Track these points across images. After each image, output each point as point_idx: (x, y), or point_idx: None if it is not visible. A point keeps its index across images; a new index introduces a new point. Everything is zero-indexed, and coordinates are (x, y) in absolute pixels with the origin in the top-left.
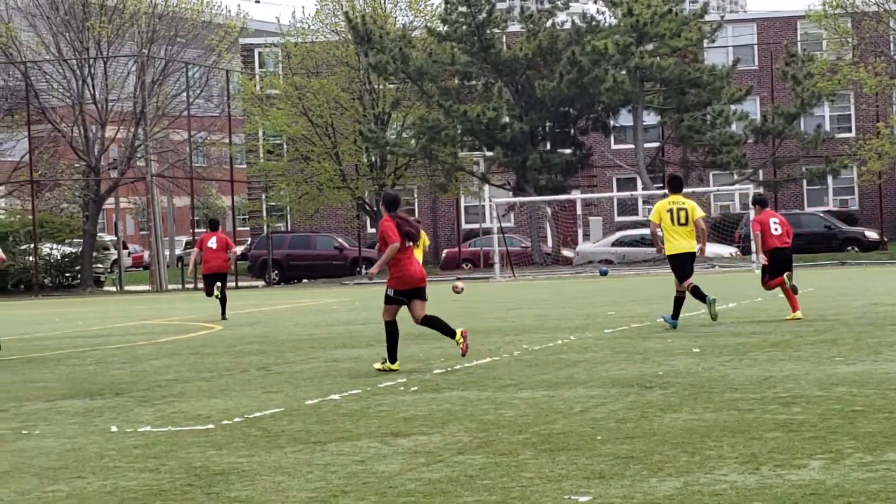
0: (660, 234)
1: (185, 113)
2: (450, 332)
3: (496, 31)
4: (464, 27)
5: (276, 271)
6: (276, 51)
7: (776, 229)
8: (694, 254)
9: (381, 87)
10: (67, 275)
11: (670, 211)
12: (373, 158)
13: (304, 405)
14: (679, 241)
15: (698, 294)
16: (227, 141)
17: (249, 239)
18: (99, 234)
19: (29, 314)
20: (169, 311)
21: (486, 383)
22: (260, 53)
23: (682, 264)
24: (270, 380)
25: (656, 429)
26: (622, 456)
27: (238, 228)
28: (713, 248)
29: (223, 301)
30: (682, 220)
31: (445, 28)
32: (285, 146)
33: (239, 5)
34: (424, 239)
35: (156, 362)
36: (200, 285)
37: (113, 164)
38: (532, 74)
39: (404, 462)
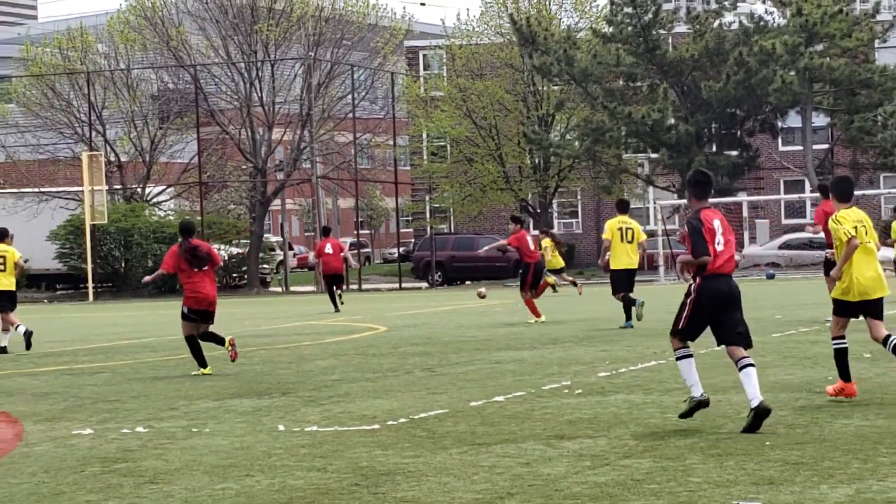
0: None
1: (351, 115)
2: (220, 341)
3: (662, 31)
4: (629, 28)
5: (440, 273)
6: (440, 53)
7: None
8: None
9: (545, 88)
10: (234, 275)
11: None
12: (536, 160)
13: (469, 406)
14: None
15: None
16: (391, 143)
17: (413, 240)
18: (265, 235)
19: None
20: (334, 312)
21: (651, 387)
22: (424, 55)
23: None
24: (435, 381)
25: (826, 434)
26: (792, 462)
27: (402, 230)
28: (884, 253)
29: (339, 296)
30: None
31: (610, 29)
32: (449, 148)
33: (404, 8)
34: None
35: (322, 362)
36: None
37: (279, 165)
38: (698, 75)
39: (570, 465)
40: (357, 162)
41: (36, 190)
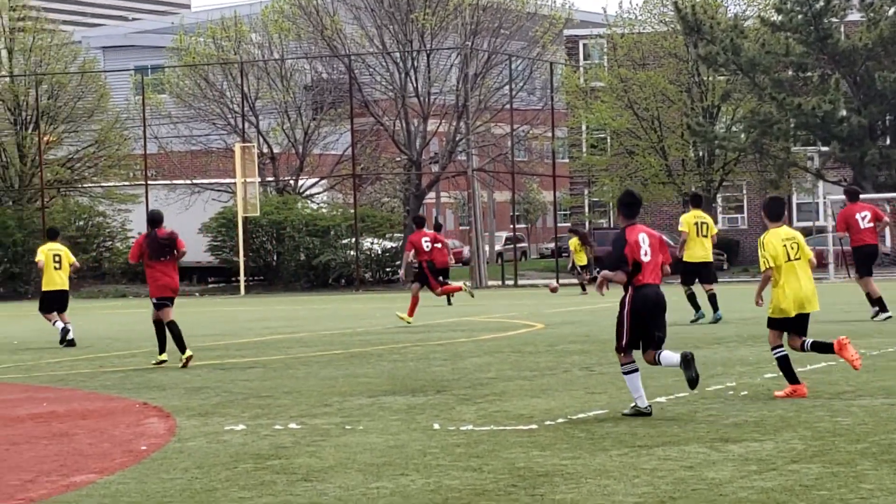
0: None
1: (508, 106)
2: (182, 347)
3: (834, 20)
4: (799, 17)
5: (598, 269)
6: (601, 42)
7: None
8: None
9: (710, 79)
10: (388, 269)
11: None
12: (700, 153)
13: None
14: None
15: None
16: (549, 135)
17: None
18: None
19: (350, 309)
20: (489, 308)
21: (820, 389)
22: (584, 45)
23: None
24: (594, 380)
25: None
26: None
27: (559, 225)
28: None
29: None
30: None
31: (780, 18)
32: (609, 140)
33: None
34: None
35: (477, 360)
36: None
37: (434, 157)
38: (872, 66)
39: (735, 469)
40: (514, 154)
41: (188, 182)
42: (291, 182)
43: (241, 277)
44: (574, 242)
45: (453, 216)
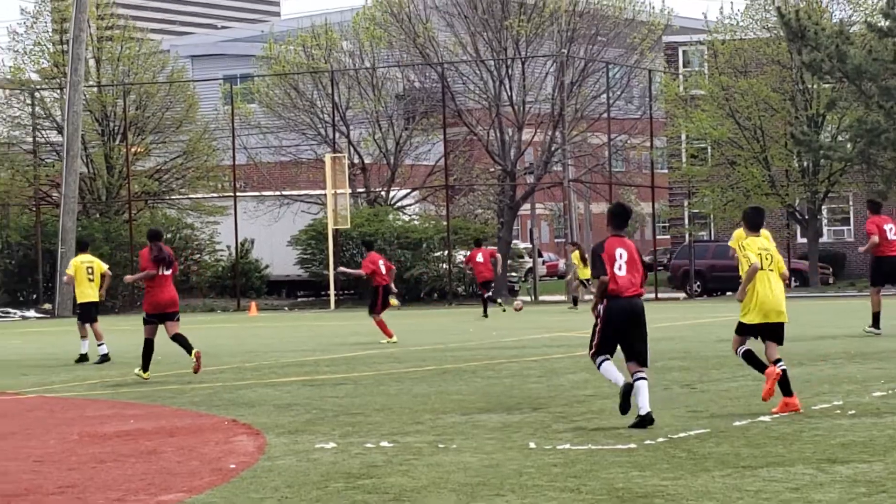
0: None
1: (605, 115)
2: (188, 349)
3: None
4: None
5: (698, 282)
6: (701, 49)
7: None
8: None
9: (815, 86)
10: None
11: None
12: (805, 163)
13: (732, 426)
14: None
15: None
16: (647, 144)
17: (670, 248)
18: (514, 242)
19: (441, 323)
20: (585, 323)
21: None
22: (684, 52)
23: None
24: (695, 398)
25: None
26: None
27: (658, 237)
28: None
29: (491, 301)
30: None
31: (887, 23)
32: (710, 150)
33: (663, 2)
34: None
35: (573, 376)
36: None
37: (529, 168)
38: None
39: (843, 491)
40: (611, 165)
41: (277, 193)
42: (382, 193)
43: (332, 291)
44: (576, 256)
45: (548, 228)
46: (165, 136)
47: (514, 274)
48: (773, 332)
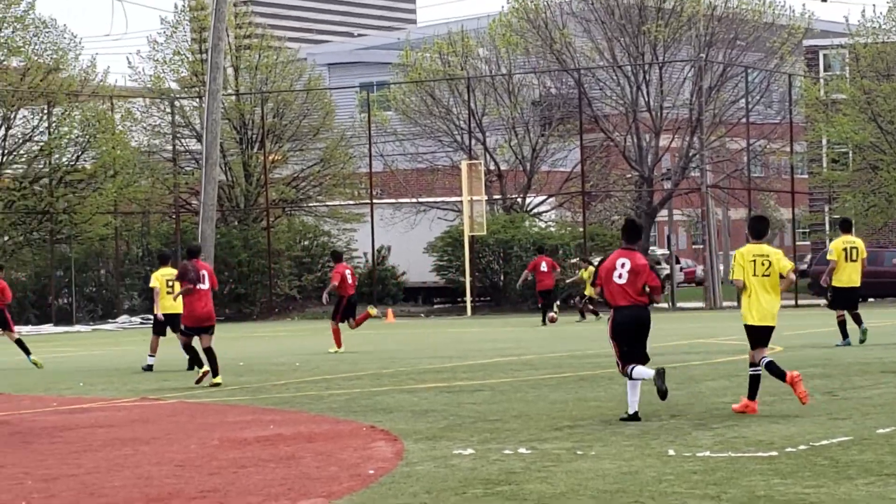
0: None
1: (744, 120)
2: (215, 371)
3: None
4: None
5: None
6: (842, 52)
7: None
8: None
9: None
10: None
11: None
12: None
13: (876, 434)
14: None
15: None
16: (787, 149)
17: (809, 254)
18: (651, 248)
19: (577, 330)
20: (724, 329)
21: None
22: (825, 55)
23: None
24: (836, 406)
25: None
26: None
27: (798, 243)
28: None
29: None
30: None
31: None
32: (851, 155)
33: (804, 5)
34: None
35: (712, 383)
36: None
37: (666, 174)
38: None
39: None
40: (750, 170)
41: (413, 200)
42: (519, 200)
43: (468, 298)
44: (587, 273)
45: (686, 234)
46: (302, 143)
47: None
48: (764, 335)
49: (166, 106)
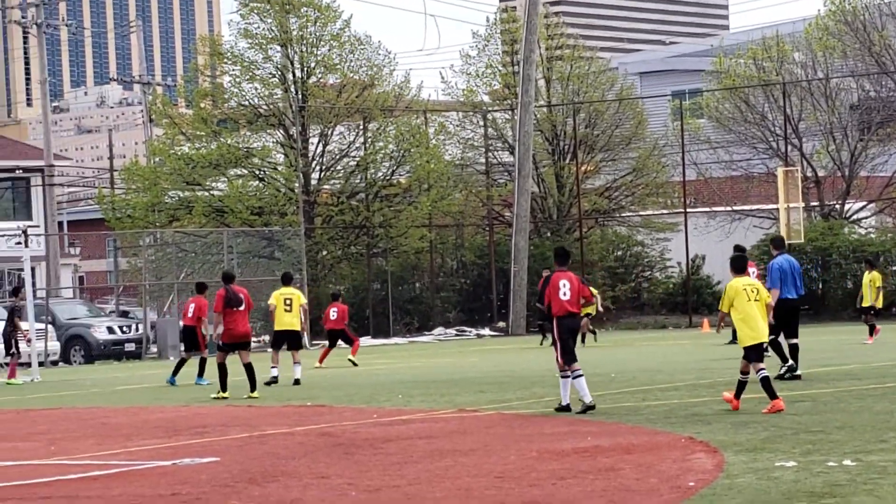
0: None
1: None
2: (253, 386)
3: None
4: None
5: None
6: None
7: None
8: None
9: None
10: None
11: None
12: None
13: None
14: None
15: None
16: None
17: None
18: None
19: None
20: None
21: None
22: None
23: None
24: None
25: None
26: None
27: None
28: None
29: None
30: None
31: None
32: None
33: None
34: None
35: None
36: None
37: None
38: None
39: None
40: None
41: (728, 209)
42: (837, 206)
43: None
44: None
45: None
46: (615, 153)
47: None
48: (759, 350)
49: (479, 119)
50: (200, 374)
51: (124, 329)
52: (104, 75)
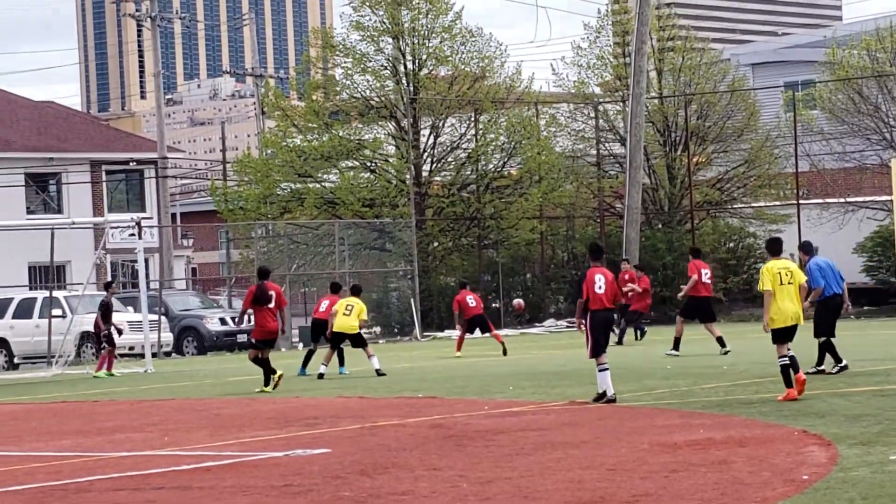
0: None
1: None
2: (267, 378)
3: None
4: None
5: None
6: None
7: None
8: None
9: None
10: None
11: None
12: None
13: None
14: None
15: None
16: None
17: None
18: None
19: None
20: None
21: None
22: None
23: None
24: None
25: None
26: None
27: None
28: None
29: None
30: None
31: None
32: None
33: None
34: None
35: None
36: None
37: None
38: None
39: None
40: None
41: (841, 200)
42: None
43: None
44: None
45: None
46: (726, 144)
47: None
48: (791, 333)
49: (590, 110)
50: (341, 363)
51: (237, 320)
52: (217, 68)
